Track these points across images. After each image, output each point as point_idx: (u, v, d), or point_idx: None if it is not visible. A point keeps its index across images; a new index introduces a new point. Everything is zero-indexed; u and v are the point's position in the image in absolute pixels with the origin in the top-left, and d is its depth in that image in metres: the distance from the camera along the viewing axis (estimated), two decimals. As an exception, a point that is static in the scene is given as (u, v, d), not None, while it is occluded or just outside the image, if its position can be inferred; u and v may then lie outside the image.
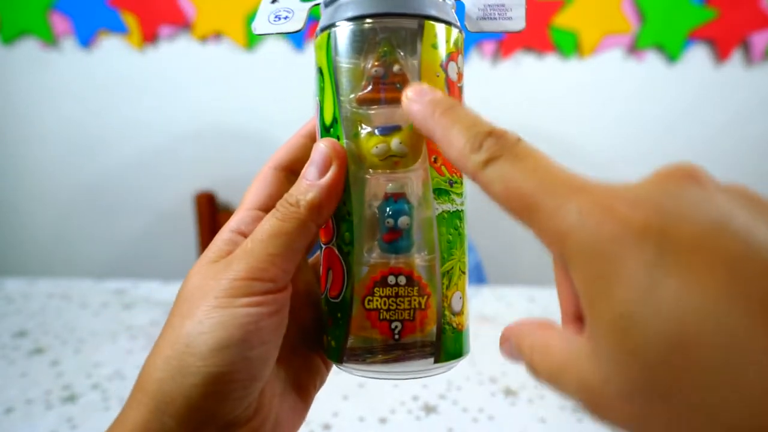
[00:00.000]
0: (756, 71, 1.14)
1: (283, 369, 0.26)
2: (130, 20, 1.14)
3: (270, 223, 0.23)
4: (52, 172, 1.26)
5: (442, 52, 0.23)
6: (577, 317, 0.19)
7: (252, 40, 1.15)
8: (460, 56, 0.25)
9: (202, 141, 1.23)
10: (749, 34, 1.10)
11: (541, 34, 1.12)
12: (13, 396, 0.56)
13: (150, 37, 1.16)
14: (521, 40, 1.12)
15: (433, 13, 0.23)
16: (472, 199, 0.24)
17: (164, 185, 1.25)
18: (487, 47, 1.14)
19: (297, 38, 1.15)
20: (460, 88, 0.25)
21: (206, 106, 1.20)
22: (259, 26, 0.27)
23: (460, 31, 0.25)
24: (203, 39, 1.16)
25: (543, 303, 0.78)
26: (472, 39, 1.13)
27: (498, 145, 0.18)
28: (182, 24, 1.14)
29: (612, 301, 0.14)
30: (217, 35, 1.15)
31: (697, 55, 1.13)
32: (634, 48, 1.13)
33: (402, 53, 0.23)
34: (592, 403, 0.16)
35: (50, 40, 1.16)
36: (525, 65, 1.15)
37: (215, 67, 1.18)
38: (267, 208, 0.24)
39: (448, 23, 0.24)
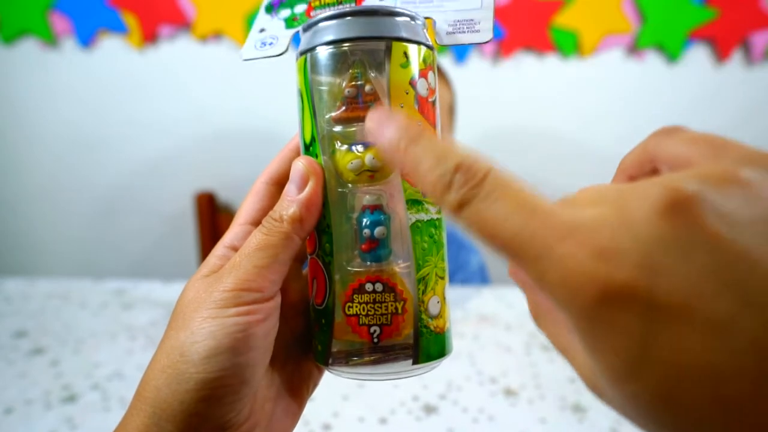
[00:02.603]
0: (756, 71, 1.14)
1: (276, 374, 0.27)
2: (130, 20, 1.14)
3: (256, 237, 0.24)
4: (52, 172, 1.26)
5: (412, 70, 0.25)
6: None
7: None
8: (431, 73, 0.26)
9: (202, 141, 1.23)
10: (749, 34, 1.10)
11: (541, 34, 1.11)
12: (12, 396, 0.55)
13: (150, 37, 1.16)
14: (521, 40, 1.12)
15: (401, 34, 0.25)
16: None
17: (164, 185, 1.25)
18: (487, 47, 1.14)
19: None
20: (432, 103, 0.26)
21: (206, 106, 1.20)
22: (246, 53, 0.29)
23: (430, 49, 0.26)
24: (203, 39, 1.16)
25: (543, 303, 0.78)
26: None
27: (468, 182, 0.17)
28: (182, 24, 1.14)
29: (606, 357, 0.14)
30: (217, 35, 1.15)
31: (697, 55, 1.13)
32: (634, 48, 1.12)
33: (373, 74, 0.24)
34: (590, 387, 0.17)
35: (50, 40, 1.16)
36: (525, 65, 1.15)
37: (215, 67, 1.18)
38: (260, 222, 0.25)
39: (416, 42, 0.25)
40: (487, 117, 1.17)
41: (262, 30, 0.30)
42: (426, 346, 0.25)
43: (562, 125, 1.19)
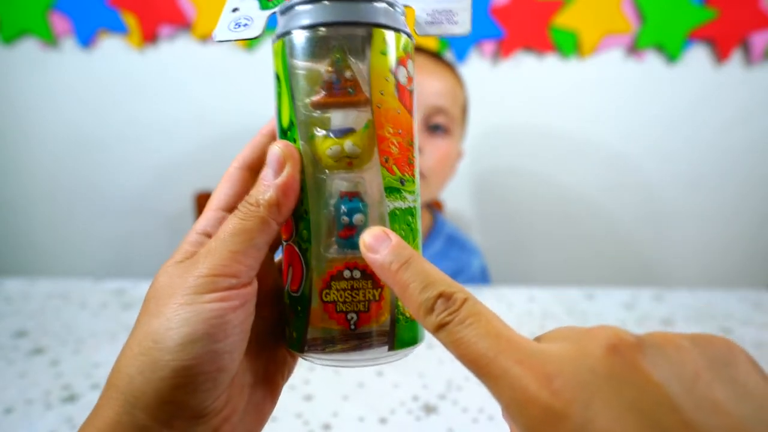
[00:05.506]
0: (756, 71, 1.14)
1: (252, 362, 0.27)
2: (130, 20, 1.14)
3: (232, 222, 0.24)
4: (52, 172, 1.26)
5: (392, 57, 0.25)
6: None
7: (252, 40, 1.15)
8: (409, 61, 0.26)
9: (203, 141, 1.23)
10: (749, 34, 1.10)
11: (541, 34, 1.11)
12: (12, 396, 0.55)
13: (150, 37, 1.16)
14: (521, 40, 1.12)
15: (382, 20, 0.25)
16: (474, 201, 0.25)
17: (164, 185, 1.25)
18: (487, 47, 1.14)
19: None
20: (411, 92, 0.26)
21: (206, 106, 1.20)
22: (219, 34, 0.28)
23: (409, 37, 0.26)
24: (203, 39, 1.16)
25: (543, 303, 0.78)
26: (472, 39, 1.13)
27: (448, 308, 0.20)
28: (182, 24, 1.14)
29: None
30: (217, 35, 1.15)
31: (697, 55, 1.13)
32: (634, 48, 1.13)
33: (353, 59, 0.24)
34: None
35: (50, 40, 1.16)
36: (525, 65, 1.15)
37: (215, 67, 1.18)
38: (233, 207, 0.25)
39: (396, 30, 0.25)
40: (486, 117, 1.17)
41: (234, 9, 0.29)
42: (401, 332, 0.25)
43: (561, 125, 1.19)
